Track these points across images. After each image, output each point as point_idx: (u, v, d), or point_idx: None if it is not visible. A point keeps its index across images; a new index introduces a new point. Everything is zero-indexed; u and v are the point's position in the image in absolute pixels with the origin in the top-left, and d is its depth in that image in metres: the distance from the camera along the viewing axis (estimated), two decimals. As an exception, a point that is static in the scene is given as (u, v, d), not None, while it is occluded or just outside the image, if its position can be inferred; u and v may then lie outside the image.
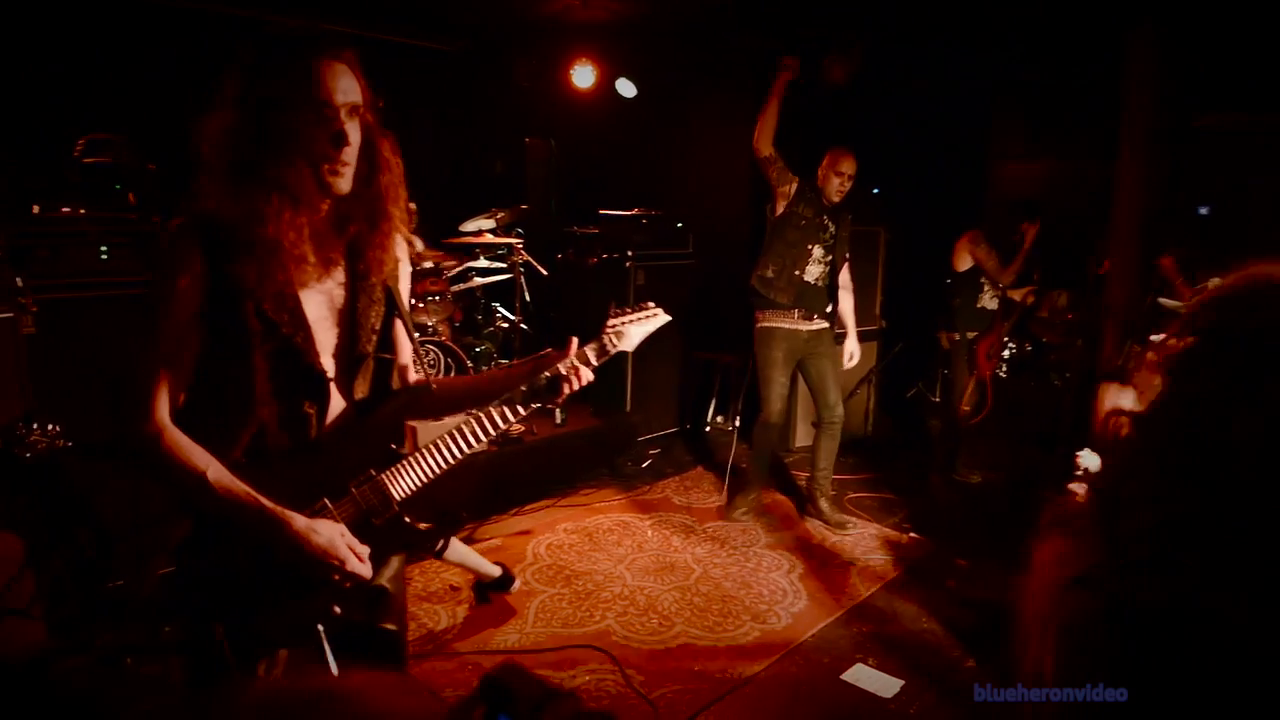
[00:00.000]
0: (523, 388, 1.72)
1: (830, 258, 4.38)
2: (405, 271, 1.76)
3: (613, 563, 4.05)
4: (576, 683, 3.07)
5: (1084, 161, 5.88)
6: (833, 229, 4.36)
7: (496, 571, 3.61)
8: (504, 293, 5.73)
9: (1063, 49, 5.35)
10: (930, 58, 5.68)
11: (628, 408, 5.67)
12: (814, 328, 4.42)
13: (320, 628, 1.57)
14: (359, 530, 1.58)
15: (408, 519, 1.68)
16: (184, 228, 1.47)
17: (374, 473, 1.62)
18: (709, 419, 6.23)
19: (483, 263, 5.59)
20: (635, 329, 1.84)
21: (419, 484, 1.66)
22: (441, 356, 4.90)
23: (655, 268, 5.72)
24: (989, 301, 5.18)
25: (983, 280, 5.13)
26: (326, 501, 1.57)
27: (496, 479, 4.69)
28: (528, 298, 5.60)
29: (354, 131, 1.49)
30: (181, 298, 1.45)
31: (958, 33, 5.38)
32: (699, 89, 6.53)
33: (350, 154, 1.49)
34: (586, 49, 6.11)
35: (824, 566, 4.06)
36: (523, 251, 5.36)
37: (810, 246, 4.33)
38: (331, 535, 1.51)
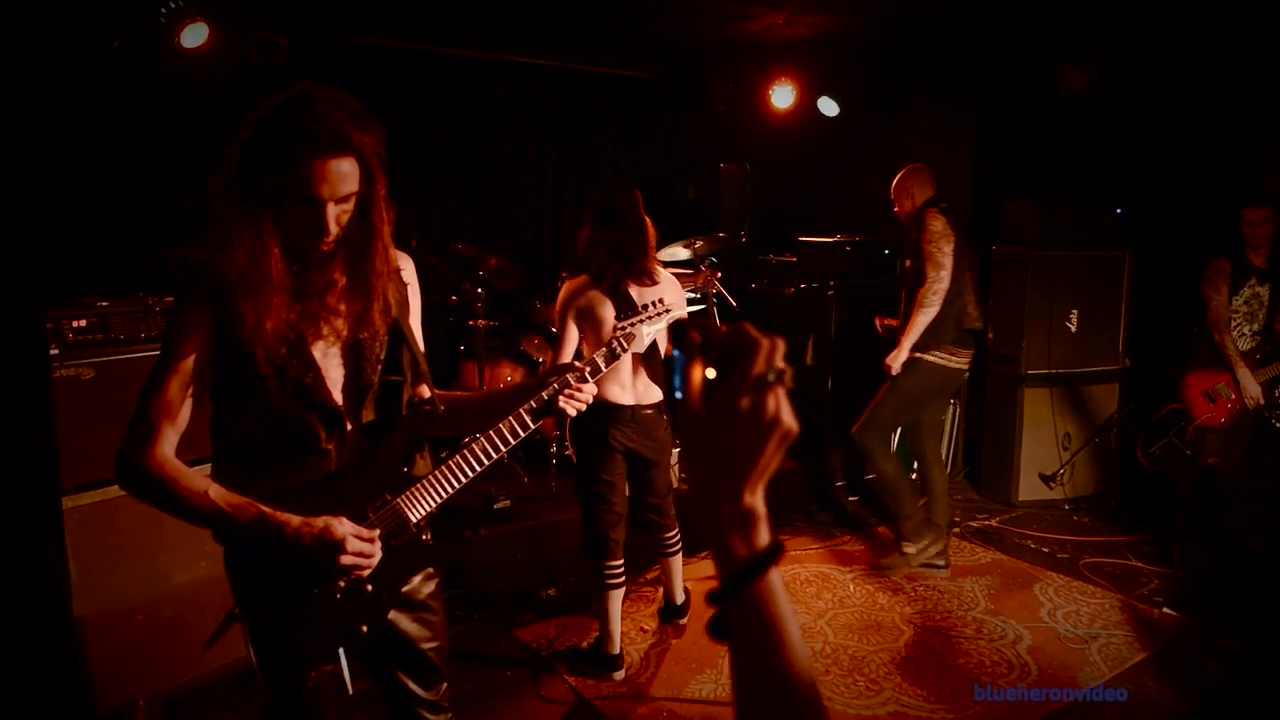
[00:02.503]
0: (531, 403, 1.78)
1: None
2: (415, 294, 1.83)
3: (812, 617, 3.77)
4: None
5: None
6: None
7: (682, 597, 3.65)
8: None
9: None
10: (1184, 55, 4.95)
11: (825, 450, 5.32)
12: None
13: (341, 649, 1.63)
14: (382, 553, 1.65)
15: (425, 538, 1.78)
16: (191, 279, 1.55)
17: (389, 497, 1.69)
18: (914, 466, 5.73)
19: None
20: (646, 328, 1.93)
21: (434, 504, 1.73)
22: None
23: (859, 298, 5.35)
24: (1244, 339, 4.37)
25: (1234, 312, 4.35)
26: None
27: (682, 519, 4.50)
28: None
29: (342, 213, 1.56)
30: (188, 349, 1.55)
31: (1217, 25, 4.64)
32: (910, 103, 6.09)
33: (334, 227, 1.56)
34: (786, 68, 5.86)
35: (1058, 639, 3.57)
36: (716, 281, 5.18)
37: None
38: (327, 522, 1.55)
